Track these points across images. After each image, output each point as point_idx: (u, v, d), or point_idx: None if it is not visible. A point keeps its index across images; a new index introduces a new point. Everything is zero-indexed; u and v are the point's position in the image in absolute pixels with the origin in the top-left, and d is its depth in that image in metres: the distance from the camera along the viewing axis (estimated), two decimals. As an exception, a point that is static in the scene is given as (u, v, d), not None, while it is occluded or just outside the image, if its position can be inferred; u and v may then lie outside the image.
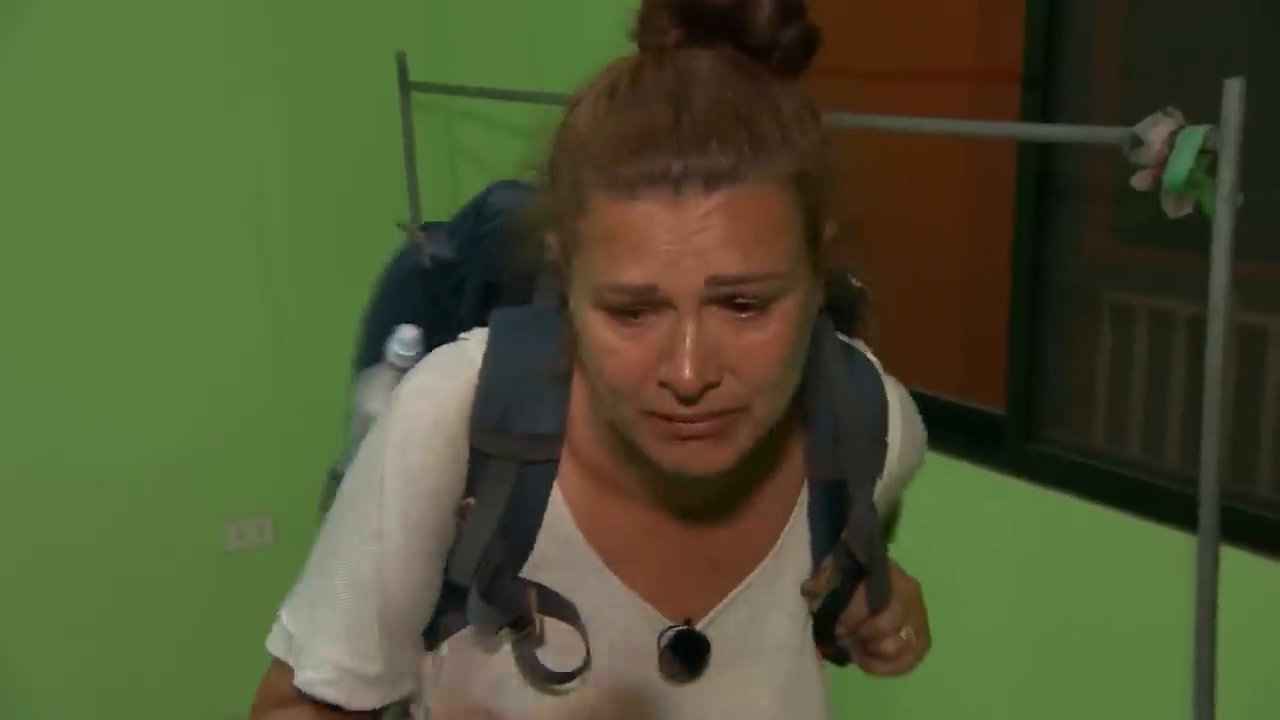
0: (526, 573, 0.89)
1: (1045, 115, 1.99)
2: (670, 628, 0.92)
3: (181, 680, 2.80)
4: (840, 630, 0.98)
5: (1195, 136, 1.43)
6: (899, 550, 1.21)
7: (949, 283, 2.39)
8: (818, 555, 0.94)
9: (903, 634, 0.96)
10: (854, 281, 1.04)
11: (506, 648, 0.91)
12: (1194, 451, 1.54)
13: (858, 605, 0.96)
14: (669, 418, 0.77)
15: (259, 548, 2.84)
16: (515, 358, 0.88)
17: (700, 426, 0.77)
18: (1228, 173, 1.41)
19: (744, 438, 0.80)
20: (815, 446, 0.92)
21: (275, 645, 0.92)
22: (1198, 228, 1.50)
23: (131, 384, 2.68)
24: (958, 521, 2.09)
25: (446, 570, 0.90)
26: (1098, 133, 1.73)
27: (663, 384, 0.76)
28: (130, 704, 2.74)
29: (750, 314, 0.76)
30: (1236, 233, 1.43)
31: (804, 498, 0.93)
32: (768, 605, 0.94)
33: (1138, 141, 1.49)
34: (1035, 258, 2.06)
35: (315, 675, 0.90)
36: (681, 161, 0.72)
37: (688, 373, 0.74)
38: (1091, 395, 2.11)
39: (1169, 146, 1.45)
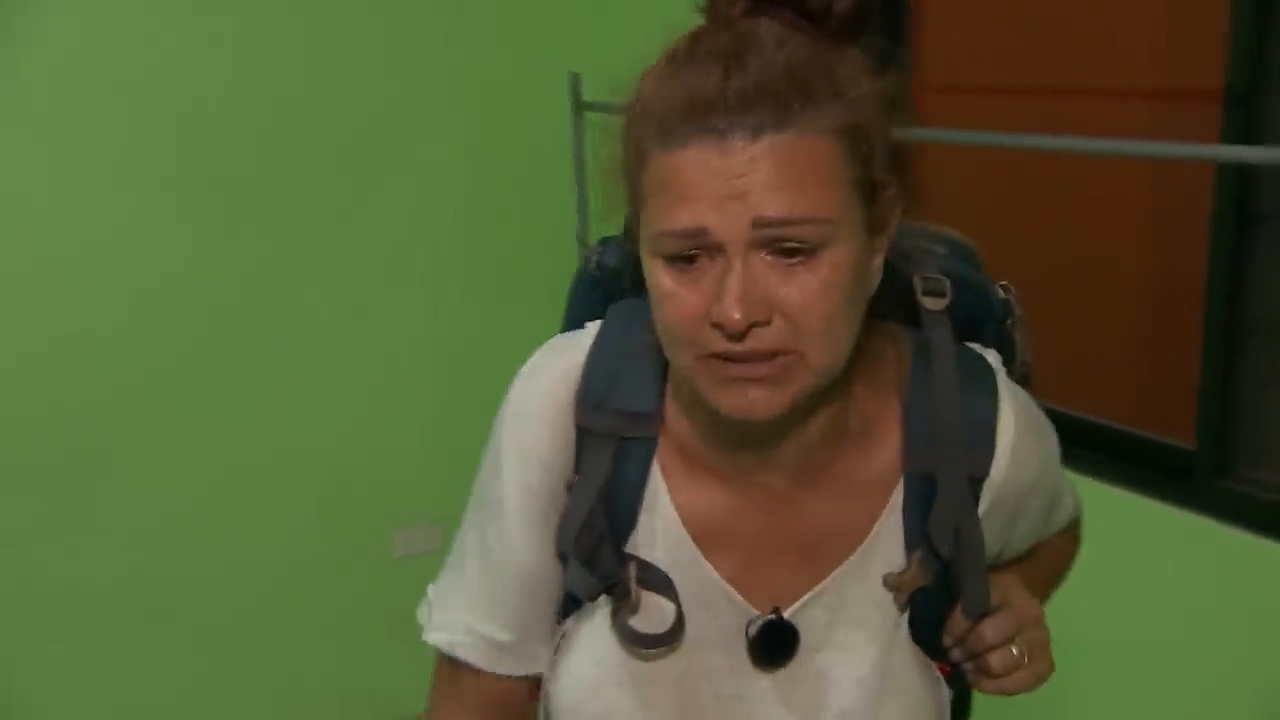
0: (630, 547, 0.93)
1: (1249, 136, 1.88)
2: (759, 618, 0.93)
3: (349, 680, 2.89)
4: (947, 641, 0.95)
5: None
6: (1079, 590, 1.15)
7: (1132, 309, 2.28)
8: (911, 551, 0.93)
9: (1014, 650, 0.93)
10: (999, 292, 1.04)
11: (603, 614, 0.95)
12: None
13: (962, 613, 0.94)
14: (724, 359, 0.81)
15: (425, 554, 2.91)
16: (619, 340, 0.94)
17: (753, 368, 0.81)
18: None
19: (799, 384, 0.82)
20: (910, 440, 0.92)
21: (420, 613, 1.01)
22: None
23: (303, 395, 2.78)
24: (1140, 560, 1.98)
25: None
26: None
27: (715, 325, 0.79)
28: (299, 705, 2.84)
29: (799, 259, 0.79)
30: None
31: (899, 491, 0.93)
32: (856, 597, 0.94)
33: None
34: (1232, 284, 1.94)
35: (450, 637, 0.98)
36: (729, 113, 0.77)
37: (733, 310, 0.77)
38: (1291, 431, 1.98)
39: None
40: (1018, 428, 0.94)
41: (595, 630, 0.95)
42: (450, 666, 0.99)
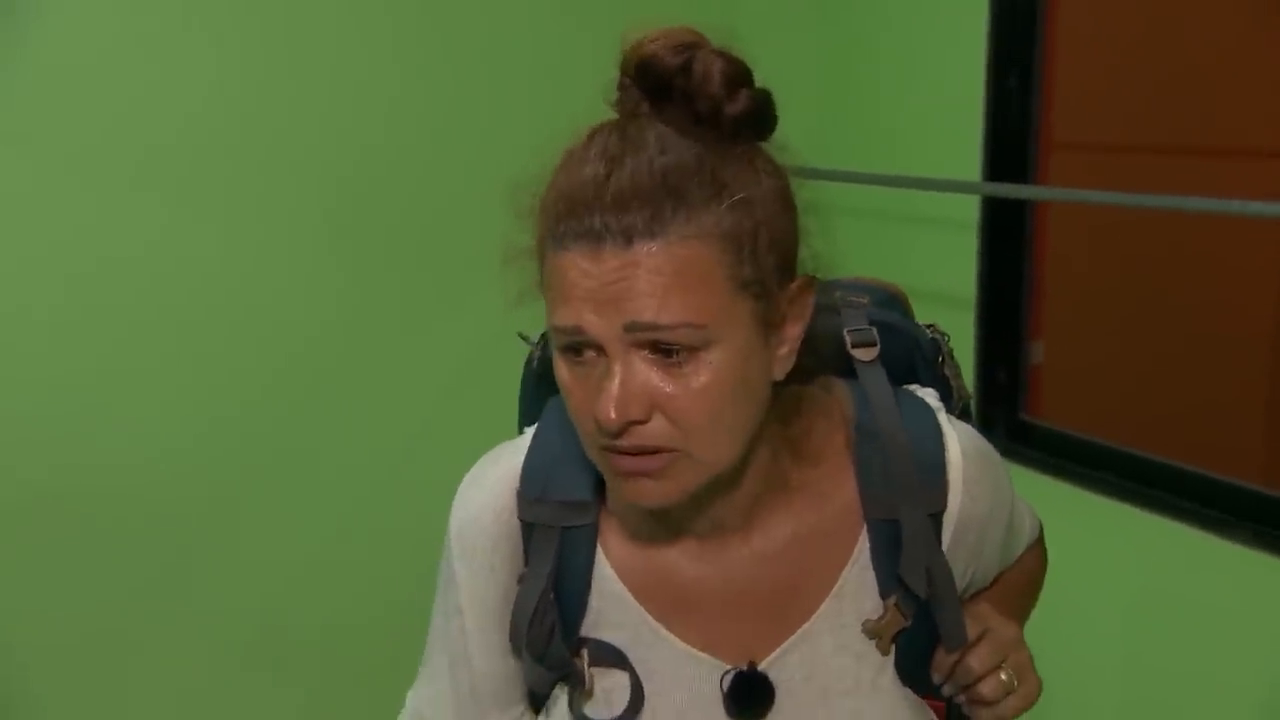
0: (585, 632, 0.96)
1: None
2: (730, 670, 0.94)
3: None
4: (936, 678, 0.97)
5: None
6: (1189, 649, 1.13)
7: (1260, 366, 2.22)
8: (885, 596, 0.95)
9: (1002, 676, 0.94)
10: (929, 332, 1.06)
11: (563, 704, 0.97)
12: None
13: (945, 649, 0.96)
14: (613, 452, 0.84)
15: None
16: (558, 434, 0.96)
17: (635, 462, 0.83)
18: None
19: (686, 478, 0.85)
20: (866, 487, 0.94)
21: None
22: None
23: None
24: (1272, 625, 1.93)
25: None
26: None
27: (596, 422, 0.82)
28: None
29: (677, 360, 0.81)
30: None
31: (864, 540, 0.95)
32: (832, 647, 0.95)
33: None
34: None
35: None
36: (603, 217, 0.79)
37: (609, 410, 0.80)
38: None
39: None
40: (965, 459, 0.96)
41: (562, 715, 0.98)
42: None
